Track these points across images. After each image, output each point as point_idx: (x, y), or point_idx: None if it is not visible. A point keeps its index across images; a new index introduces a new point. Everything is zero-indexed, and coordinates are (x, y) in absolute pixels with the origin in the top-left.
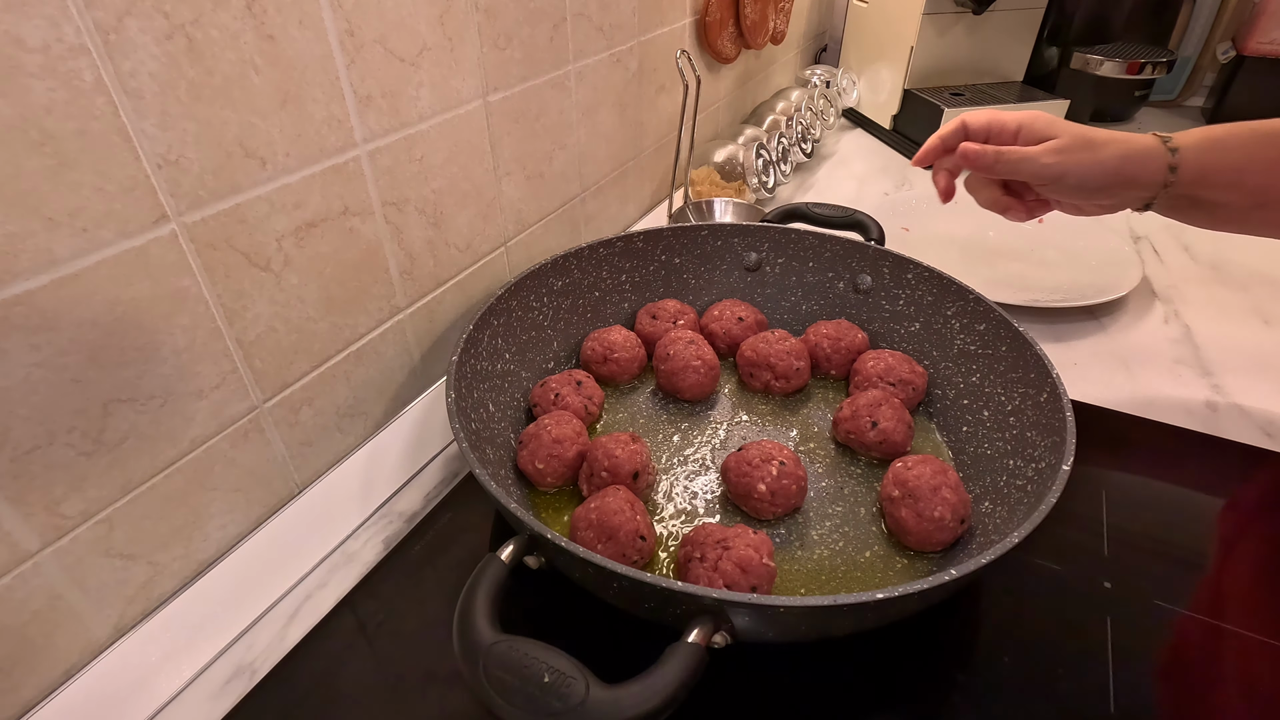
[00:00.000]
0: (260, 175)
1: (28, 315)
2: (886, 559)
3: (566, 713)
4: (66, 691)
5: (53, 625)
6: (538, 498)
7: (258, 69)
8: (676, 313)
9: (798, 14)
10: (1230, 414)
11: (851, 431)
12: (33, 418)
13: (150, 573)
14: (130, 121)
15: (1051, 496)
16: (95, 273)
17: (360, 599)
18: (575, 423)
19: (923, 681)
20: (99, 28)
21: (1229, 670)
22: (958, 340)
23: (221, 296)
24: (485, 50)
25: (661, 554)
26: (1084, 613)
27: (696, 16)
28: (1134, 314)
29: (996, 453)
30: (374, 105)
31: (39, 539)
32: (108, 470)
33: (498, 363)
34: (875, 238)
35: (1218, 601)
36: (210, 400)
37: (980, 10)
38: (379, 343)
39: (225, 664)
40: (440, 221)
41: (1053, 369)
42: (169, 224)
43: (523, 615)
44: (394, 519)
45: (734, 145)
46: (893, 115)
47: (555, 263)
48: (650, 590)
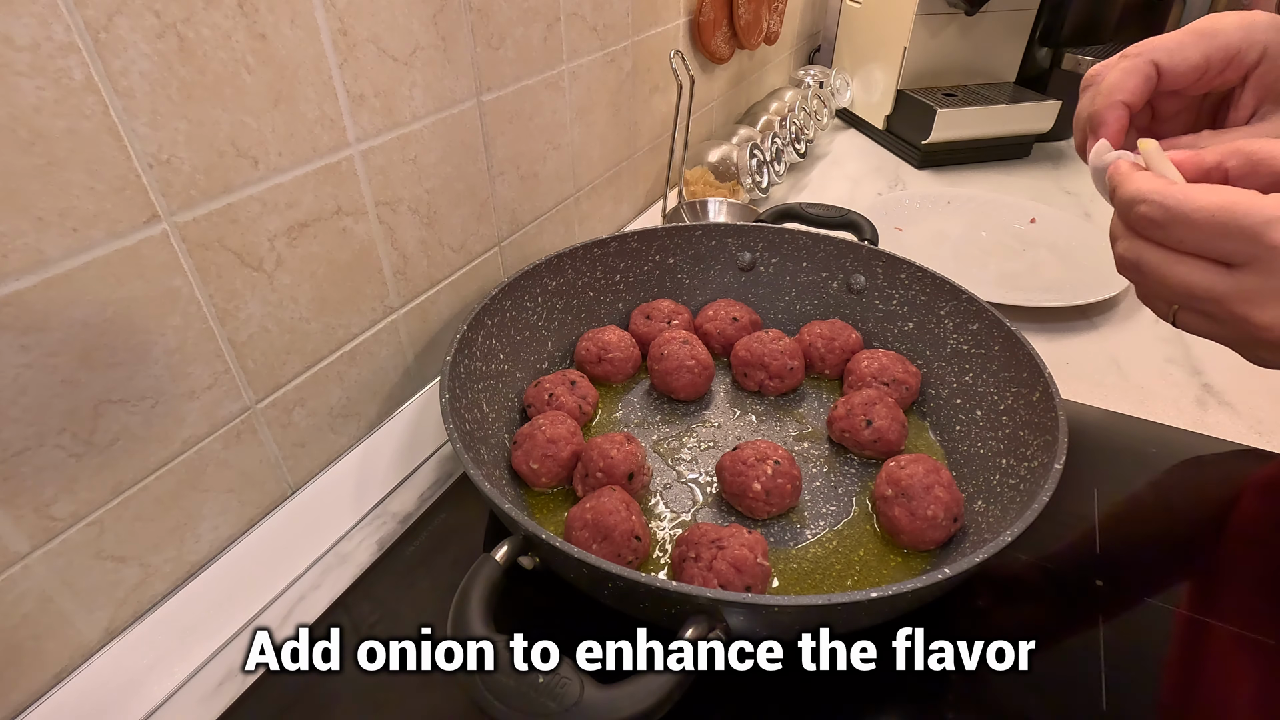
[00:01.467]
0: (252, 175)
1: (17, 315)
2: (880, 558)
3: (561, 714)
4: (57, 695)
5: (43, 628)
6: (532, 498)
7: (250, 68)
8: (671, 313)
9: (791, 14)
10: (1220, 413)
11: (846, 430)
12: (22, 419)
13: (142, 575)
14: (121, 120)
15: (1044, 495)
16: (86, 273)
17: (354, 600)
18: (570, 423)
19: (916, 680)
20: (89, 26)
21: (1220, 668)
22: (951, 340)
23: (213, 297)
24: (479, 50)
25: (656, 554)
26: (1076, 611)
27: (690, 16)
28: (1125, 313)
29: (989, 452)
30: (367, 104)
31: (29, 541)
32: (99, 472)
33: (492, 363)
34: (869, 238)
35: (1209, 599)
36: (202, 401)
37: (972, 11)
38: (372, 343)
39: (217, 666)
40: (434, 221)
41: (1045, 368)
42: (160, 224)
43: (517, 616)
44: (388, 520)
45: (728, 145)
46: (886, 115)
47: (549, 263)
48: (645, 590)
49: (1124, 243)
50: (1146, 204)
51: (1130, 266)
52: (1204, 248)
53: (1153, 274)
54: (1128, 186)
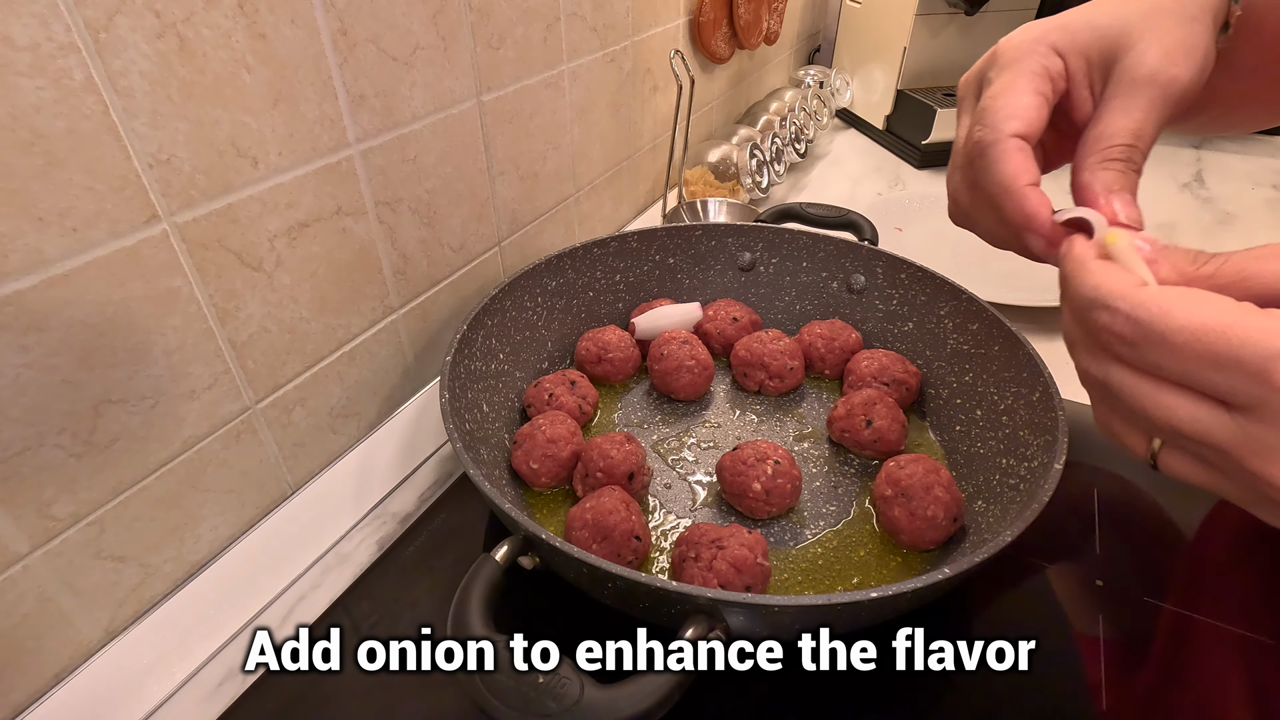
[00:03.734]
0: (252, 175)
1: (17, 316)
2: (880, 558)
3: (561, 714)
4: (57, 695)
5: (43, 628)
6: (532, 498)
7: (250, 68)
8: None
9: (791, 14)
10: None
11: (846, 430)
12: (22, 419)
13: (141, 575)
14: (121, 120)
15: (1044, 495)
16: (85, 273)
17: (354, 600)
18: (570, 423)
19: (916, 680)
20: (89, 26)
21: (1220, 667)
22: (951, 340)
23: (213, 297)
24: (479, 50)
25: (656, 554)
26: (1076, 610)
27: (690, 16)
28: None
29: (989, 451)
30: (367, 105)
31: (29, 541)
32: (98, 472)
33: (492, 363)
34: (869, 238)
35: (1209, 599)
36: (202, 401)
37: (972, 11)
38: (372, 343)
39: (217, 667)
40: (434, 221)
41: (1045, 368)
42: (160, 224)
43: (517, 616)
44: (387, 520)
45: (728, 145)
46: (886, 115)
47: (549, 263)
48: (645, 590)
49: (1085, 355)
50: (1110, 313)
51: (1095, 385)
52: (1191, 379)
53: (1126, 400)
54: (1085, 281)
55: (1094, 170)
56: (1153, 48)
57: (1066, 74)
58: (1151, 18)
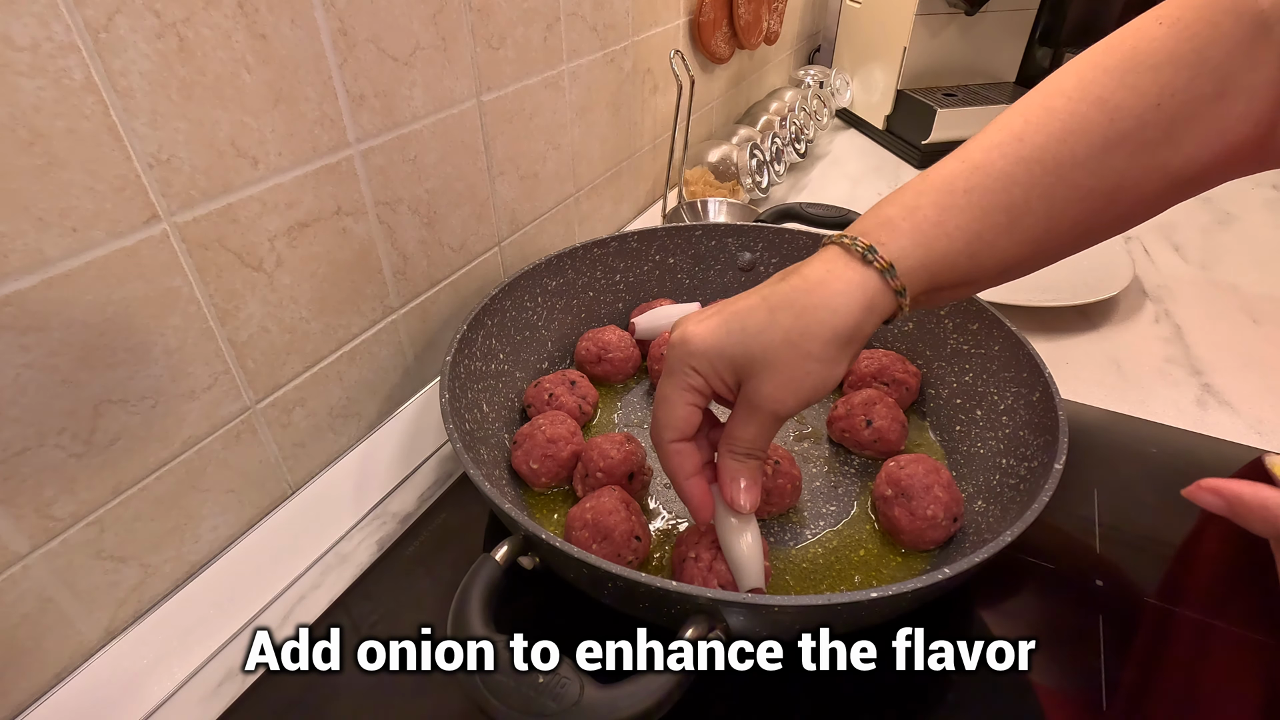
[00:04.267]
0: (252, 175)
1: (17, 316)
2: (880, 557)
3: (561, 714)
4: (57, 695)
5: (43, 628)
6: (532, 498)
7: (250, 68)
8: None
9: (791, 14)
10: (1220, 413)
11: (846, 430)
12: (22, 419)
13: (141, 575)
14: (121, 120)
15: (1044, 495)
16: (85, 273)
17: (354, 600)
18: (569, 423)
19: (916, 680)
20: (89, 26)
21: (1221, 667)
22: (951, 340)
23: (213, 297)
24: (479, 50)
25: (656, 554)
26: (1076, 611)
27: (690, 16)
28: (1125, 313)
29: (989, 451)
30: (367, 105)
31: (29, 541)
32: (98, 472)
33: (492, 363)
34: None
35: (1209, 599)
36: (202, 401)
37: (973, 11)
38: (372, 343)
39: (217, 667)
40: (433, 221)
41: (1045, 368)
42: (160, 224)
43: (517, 616)
44: (387, 520)
45: (728, 145)
46: (886, 115)
47: (549, 262)
48: (645, 590)
49: None
50: None
51: None
52: None
53: None
54: None
55: (723, 459)
56: (766, 384)
57: (709, 386)
58: (772, 352)
